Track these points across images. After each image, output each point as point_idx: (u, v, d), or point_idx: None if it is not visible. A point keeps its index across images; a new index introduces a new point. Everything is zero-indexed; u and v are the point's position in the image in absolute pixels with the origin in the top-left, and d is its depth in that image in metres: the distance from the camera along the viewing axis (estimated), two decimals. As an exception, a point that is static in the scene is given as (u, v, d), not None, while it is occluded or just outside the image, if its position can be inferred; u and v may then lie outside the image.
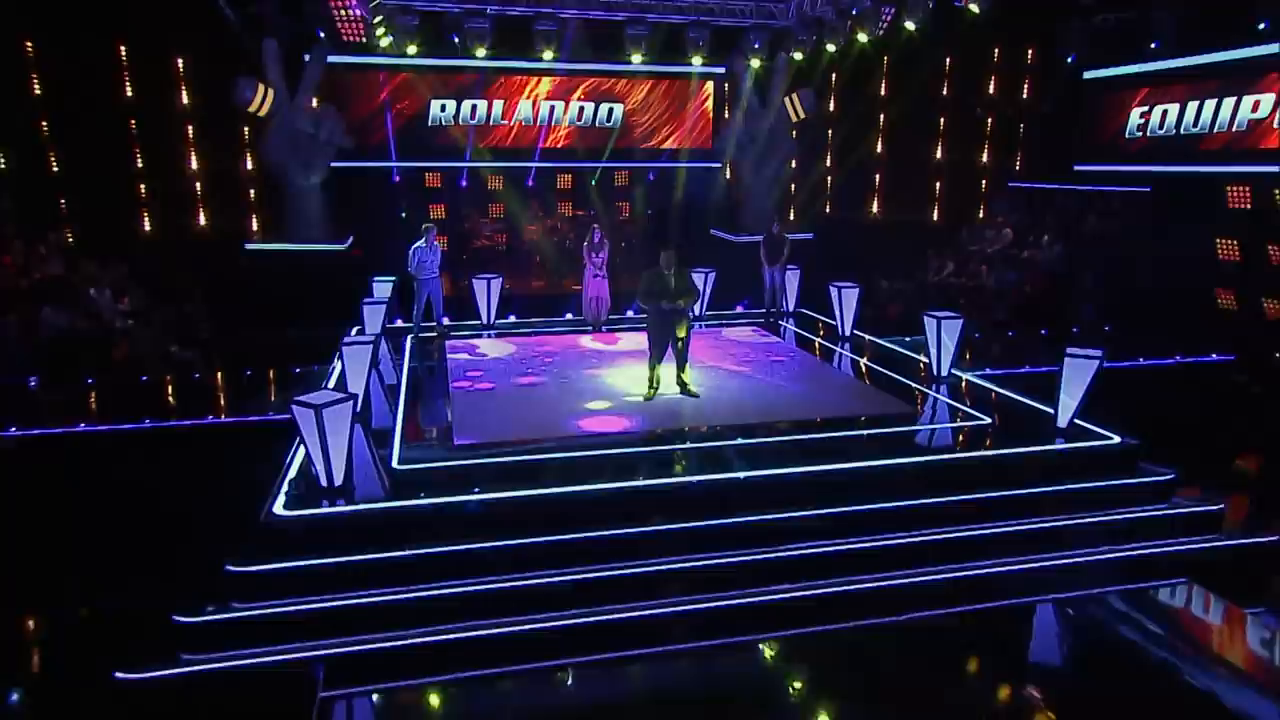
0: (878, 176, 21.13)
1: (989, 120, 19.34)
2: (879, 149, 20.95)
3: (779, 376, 10.55)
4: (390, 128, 17.69)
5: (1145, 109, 15.67)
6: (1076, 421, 8.66)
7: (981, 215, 19.15)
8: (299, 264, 15.62)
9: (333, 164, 16.24)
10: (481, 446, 8.10)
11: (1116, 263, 14.44)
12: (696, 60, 17.62)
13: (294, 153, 15.66)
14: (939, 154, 20.31)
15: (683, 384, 9.46)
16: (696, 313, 13.47)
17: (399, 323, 13.21)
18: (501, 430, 8.48)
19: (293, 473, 7.66)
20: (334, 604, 6.54)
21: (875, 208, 21.25)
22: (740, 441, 8.28)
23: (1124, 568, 7.62)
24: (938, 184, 20.25)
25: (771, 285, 14.27)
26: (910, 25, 14.22)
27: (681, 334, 9.30)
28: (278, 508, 7.03)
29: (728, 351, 11.59)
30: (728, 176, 20.34)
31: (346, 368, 8.98)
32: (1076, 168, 16.85)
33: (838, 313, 12.84)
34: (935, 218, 20.30)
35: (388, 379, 10.16)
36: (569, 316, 13.96)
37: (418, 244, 12.26)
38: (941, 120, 20.09)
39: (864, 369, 11.01)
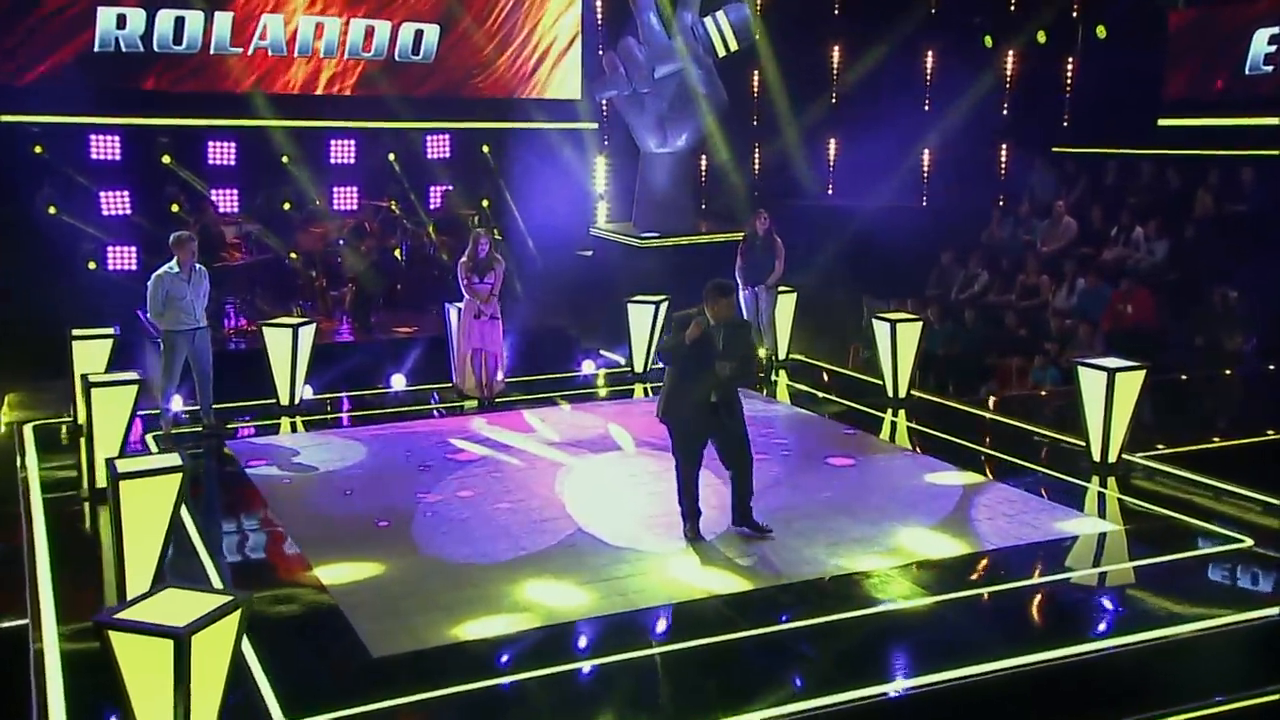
0: (832, 142, 21.12)
1: (1010, 55, 19.58)
2: (833, 99, 20.88)
3: (848, 478, 10.40)
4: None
5: (1278, 31, 16.16)
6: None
7: (1002, 198, 19.32)
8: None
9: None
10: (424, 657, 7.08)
11: (1258, 265, 14.65)
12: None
13: None
14: (925, 104, 20.46)
15: (746, 517, 8.85)
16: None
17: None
18: (435, 624, 7.51)
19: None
20: None
21: (830, 188, 21.19)
22: (894, 604, 7.80)
23: None
24: (926, 153, 20.37)
25: (753, 316, 13.77)
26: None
27: (734, 432, 8.70)
28: None
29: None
30: (604, 140, 20.02)
31: (125, 528, 7.09)
32: (1163, 123, 17.20)
33: (888, 362, 12.48)
34: (924, 201, 20.47)
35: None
36: (396, 387, 13.40)
37: (164, 269, 11.12)
38: (930, 54, 20.18)
39: (968, 457, 10.94)
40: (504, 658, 7.03)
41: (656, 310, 13.42)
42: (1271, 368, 14.09)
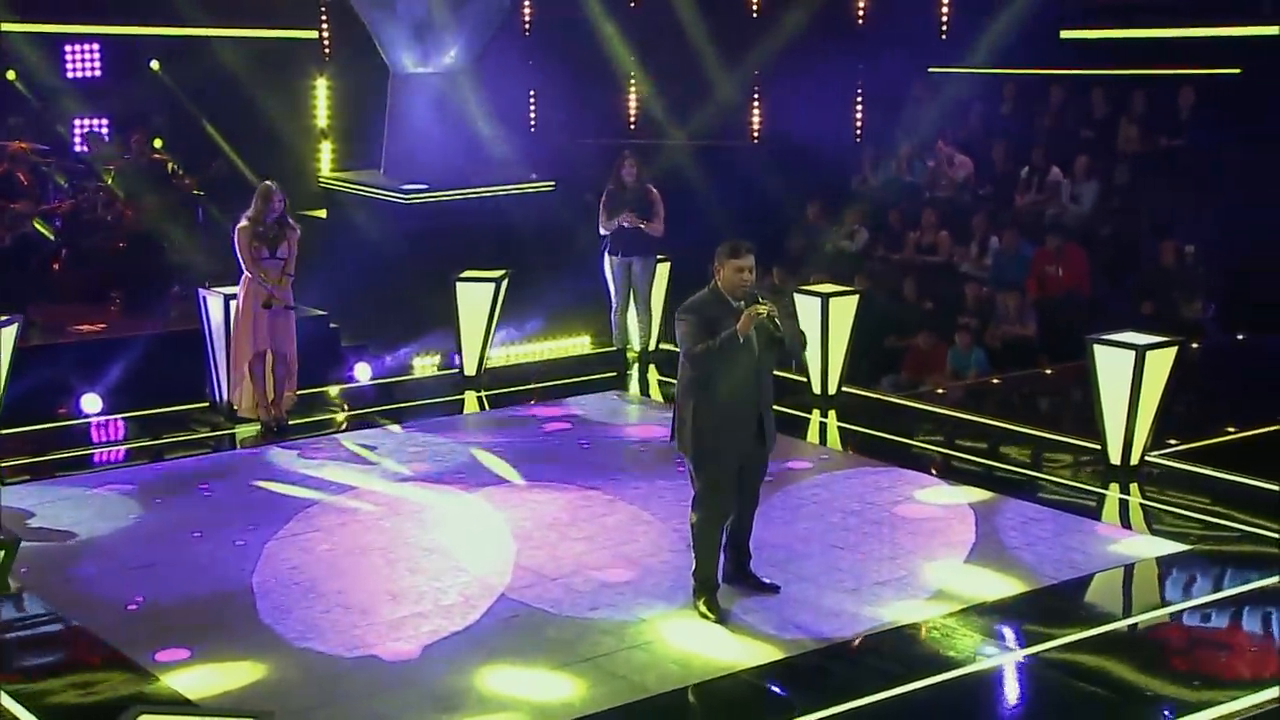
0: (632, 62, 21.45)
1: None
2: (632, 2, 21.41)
3: (817, 501, 10.63)
4: None
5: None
6: None
7: (860, 130, 19.89)
8: None
9: None
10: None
11: (1203, 213, 15.61)
12: None
13: None
14: (754, 10, 21.13)
15: (745, 569, 8.90)
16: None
17: None
18: None
19: None
20: None
21: (632, 122, 21.59)
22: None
23: None
24: (755, 73, 20.78)
25: (622, 293, 13.99)
26: None
27: (763, 456, 8.73)
28: None
29: (606, 463, 11.51)
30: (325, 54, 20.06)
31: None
32: (1066, 35, 18.07)
33: (814, 349, 12.67)
34: (755, 137, 21.00)
35: None
36: (91, 411, 13.16)
37: None
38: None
39: (952, 467, 11.45)
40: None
41: (497, 290, 13.39)
42: (1240, 338, 15.09)
